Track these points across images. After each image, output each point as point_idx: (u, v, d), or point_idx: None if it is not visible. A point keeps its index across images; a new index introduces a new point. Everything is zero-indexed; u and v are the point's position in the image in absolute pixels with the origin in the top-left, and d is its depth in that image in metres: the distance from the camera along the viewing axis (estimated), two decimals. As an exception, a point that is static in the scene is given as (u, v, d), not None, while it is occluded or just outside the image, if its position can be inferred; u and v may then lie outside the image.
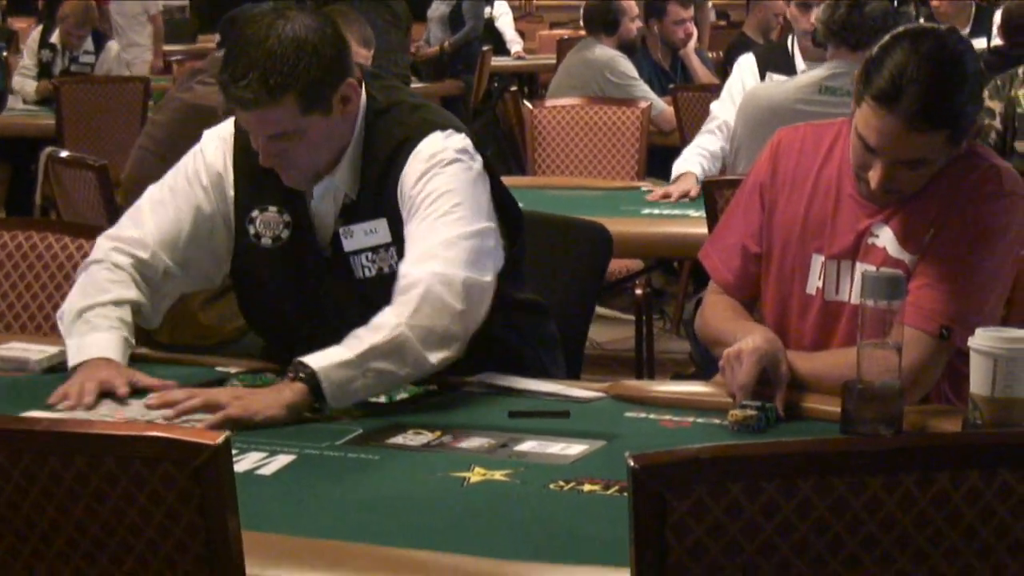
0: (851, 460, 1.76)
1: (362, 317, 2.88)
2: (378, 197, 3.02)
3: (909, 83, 2.78)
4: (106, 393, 2.83)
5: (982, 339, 2.48)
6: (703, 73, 8.21)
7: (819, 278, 3.02)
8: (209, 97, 4.81)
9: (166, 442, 1.87)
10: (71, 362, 2.94)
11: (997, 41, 7.50)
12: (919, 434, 2.28)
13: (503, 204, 3.12)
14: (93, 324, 2.97)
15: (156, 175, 4.95)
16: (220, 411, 2.69)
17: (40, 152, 6.65)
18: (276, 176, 3.04)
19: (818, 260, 3.02)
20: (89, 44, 9.70)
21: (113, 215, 4.85)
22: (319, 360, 2.77)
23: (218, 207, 3.12)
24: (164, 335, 4.76)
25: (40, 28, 9.94)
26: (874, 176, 2.87)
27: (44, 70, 9.45)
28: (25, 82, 9.50)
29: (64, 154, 5.37)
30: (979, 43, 8.36)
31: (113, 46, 9.90)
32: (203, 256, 3.15)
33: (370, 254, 3.03)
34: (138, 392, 2.86)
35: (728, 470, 1.74)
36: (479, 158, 3.07)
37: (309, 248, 3.08)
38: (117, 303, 3.02)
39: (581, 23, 15.61)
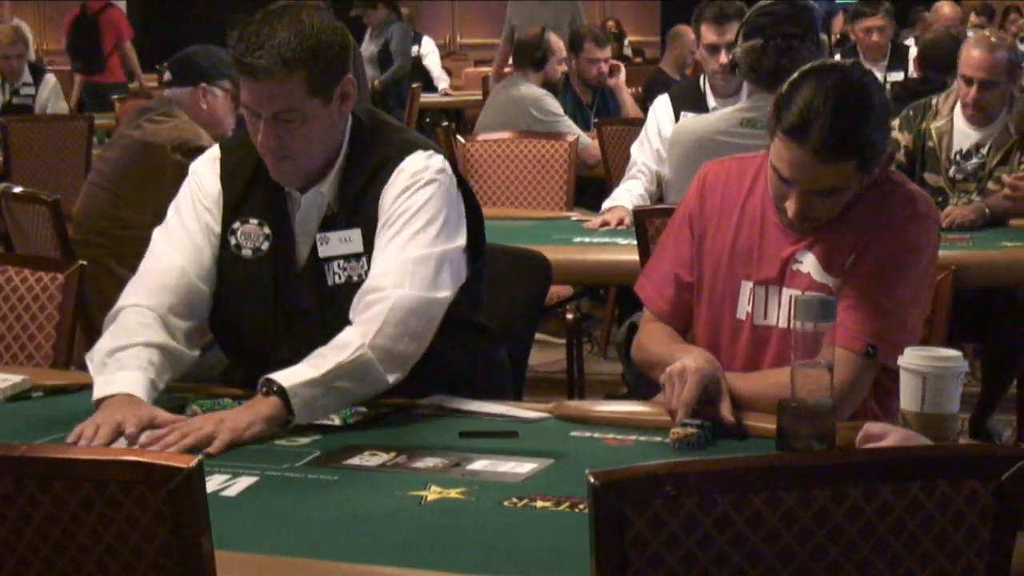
0: (799, 474, 1.78)
1: (326, 323, 2.95)
2: (356, 209, 3.05)
3: (816, 116, 2.82)
4: (121, 432, 2.75)
5: (911, 358, 2.50)
6: (631, 106, 8.25)
7: (748, 303, 3.05)
8: (159, 134, 4.81)
9: (141, 466, 1.85)
10: (95, 396, 2.86)
11: (914, 74, 7.55)
12: (869, 449, 2.29)
13: (472, 223, 3.15)
14: (122, 363, 2.91)
15: (106, 210, 4.94)
16: (215, 440, 2.68)
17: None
18: (259, 190, 3.08)
19: (747, 286, 3.05)
20: (27, 75, 9.62)
21: (66, 249, 4.84)
22: (288, 378, 2.79)
23: (220, 224, 3.13)
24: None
25: None
26: (791, 206, 2.92)
27: None
28: None
29: (17, 190, 5.33)
30: (897, 76, 8.47)
31: (50, 78, 9.84)
32: None
33: (342, 261, 3.05)
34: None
35: (684, 485, 1.75)
36: (455, 178, 3.12)
37: (287, 257, 3.09)
38: (147, 345, 2.96)
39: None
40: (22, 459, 1.91)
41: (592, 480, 1.74)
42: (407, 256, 2.97)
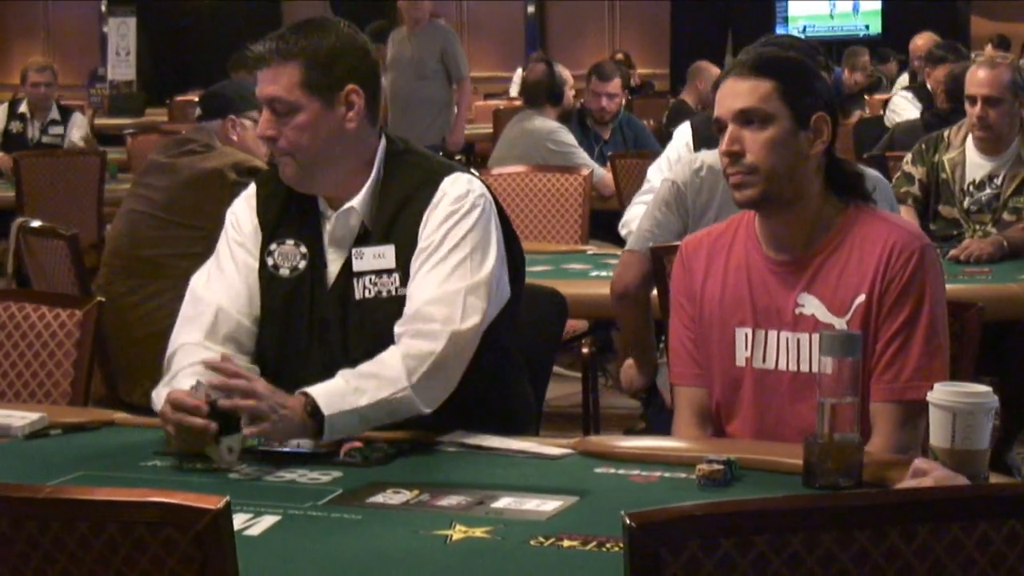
0: (838, 515, 1.75)
1: (350, 336, 3.06)
2: (391, 226, 3.10)
3: (744, 52, 3.00)
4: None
5: (941, 394, 2.48)
6: None
7: (746, 349, 3.03)
8: (210, 160, 4.88)
9: (168, 507, 1.83)
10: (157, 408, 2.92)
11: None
12: (908, 490, 2.26)
13: (509, 242, 3.21)
14: (180, 379, 2.97)
15: (154, 235, 4.97)
16: (259, 423, 2.78)
17: (8, 223, 6.59)
18: (294, 212, 3.16)
19: (741, 333, 3.03)
20: (55, 113, 9.61)
21: (84, 282, 4.83)
22: (330, 405, 2.87)
23: (258, 253, 3.19)
24: (135, 394, 4.73)
25: (7, 104, 9.83)
26: (721, 144, 2.98)
27: (14, 141, 9.32)
28: None
29: (35, 224, 5.33)
30: None
31: (78, 117, 9.84)
32: None
33: (373, 276, 3.10)
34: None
35: (720, 526, 1.72)
36: (493, 201, 3.16)
37: (321, 274, 3.13)
38: (199, 364, 3.01)
39: (511, 93, 15.83)
40: (47, 500, 1.89)
41: (627, 521, 1.71)
42: (457, 286, 3.03)
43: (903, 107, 8.72)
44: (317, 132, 3.07)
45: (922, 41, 10.57)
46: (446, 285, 3.03)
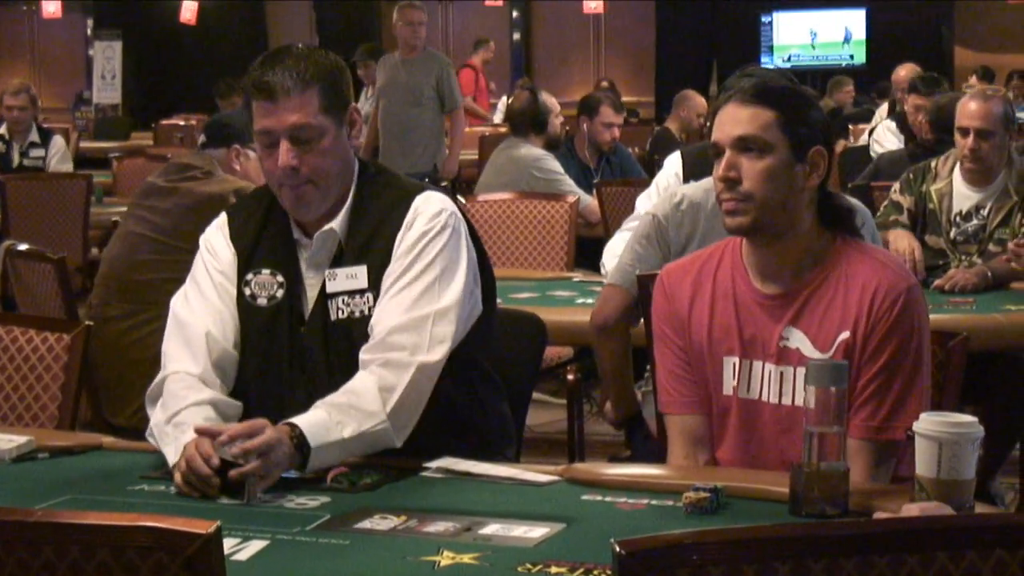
0: (826, 544, 1.76)
1: (330, 361, 3.09)
2: (365, 247, 3.12)
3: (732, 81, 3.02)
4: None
5: (927, 424, 2.49)
6: None
7: (733, 379, 3.04)
8: (213, 185, 4.90)
9: (159, 532, 1.83)
10: (172, 462, 2.88)
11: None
12: (897, 519, 2.27)
13: (481, 260, 3.24)
14: (183, 427, 2.94)
15: (150, 259, 4.98)
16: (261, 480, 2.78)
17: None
18: (268, 239, 3.17)
19: (728, 362, 3.04)
20: (35, 135, 9.60)
21: (71, 305, 4.83)
22: (316, 436, 2.88)
23: (235, 283, 3.19)
24: (122, 416, 4.73)
25: None
26: (718, 170, 2.98)
27: None
28: None
29: (23, 247, 5.33)
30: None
31: (58, 140, 9.82)
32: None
33: (346, 297, 3.11)
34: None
35: (710, 554, 1.73)
36: (463, 220, 3.20)
37: (299, 301, 3.15)
38: (198, 404, 3.02)
39: (495, 120, 15.85)
40: (38, 524, 1.89)
41: (617, 549, 1.72)
42: (424, 311, 3.05)
43: (886, 137, 8.76)
44: (337, 154, 3.10)
45: (904, 72, 10.61)
46: (414, 311, 3.05)
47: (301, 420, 2.90)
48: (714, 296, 3.07)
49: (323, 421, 2.91)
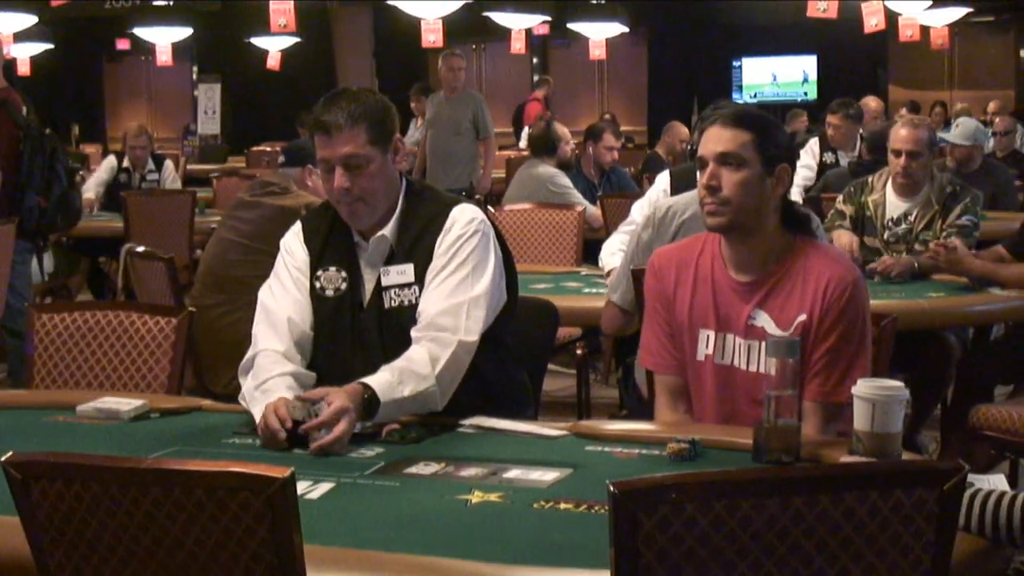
0: (780, 484, 1.76)
1: (385, 340, 3.07)
2: (412, 249, 3.12)
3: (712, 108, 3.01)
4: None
5: (863, 388, 2.47)
6: None
7: (707, 347, 3.01)
8: (288, 200, 4.87)
9: (245, 476, 1.84)
10: (259, 423, 2.86)
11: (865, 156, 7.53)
12: (838, 465, 2.27)
13: (506, 259, 3.24)
14: (270, 392, 2.94)
15: (238, 259, 4.98)
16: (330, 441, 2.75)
17: (118, 249, 6.59)
18: (334, 243, 3.17)
19: (704, 333, 3.01)
20: (151, 164, 9.62)
21: (178, 295, 4.84)
22: (384, 393, 2.89)
23: (308, 277, 3.19)
24: (219, 385, 4.73)
25: (113, 157, 9.83)
26: (702, 178, 2.97)
27: (120, 187, 9.31)
28: (86, 196, 9.34)
29: (140, 249, 5.34)
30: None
31: (169, 164, 9.84)
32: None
33: (397, 289, 3.11)
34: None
35: (686, 493, 1.73)
36: (491, 226, 3.21)
37: (359, 292, 3.14)
38: (282, 375, 3.01)
39: (519, 145, 15.85)
40: (147, 470, 1.90)
41: (612, 488, 1.72)
42: (462, 298, 3.05)
43: (804, 154, 8.67)
44: (383, 176, 3.09)
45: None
46: (452, 298, 3.05)
47: (372, 380, 2.90)
48: (696, 279, 3.04)
49: (388, 381, 2.91)
